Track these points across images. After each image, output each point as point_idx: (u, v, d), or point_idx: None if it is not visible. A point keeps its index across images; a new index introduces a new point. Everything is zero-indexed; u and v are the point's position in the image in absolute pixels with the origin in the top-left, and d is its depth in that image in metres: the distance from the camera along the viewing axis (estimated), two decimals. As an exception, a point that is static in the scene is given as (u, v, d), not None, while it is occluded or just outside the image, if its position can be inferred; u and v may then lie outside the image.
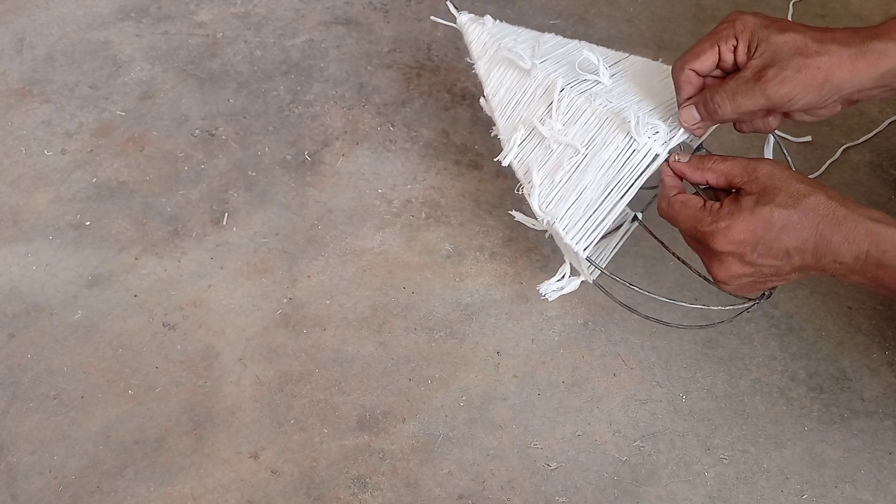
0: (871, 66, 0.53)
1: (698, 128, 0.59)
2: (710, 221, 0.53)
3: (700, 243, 0.55)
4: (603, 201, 0.61)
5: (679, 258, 0.65)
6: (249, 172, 0.86)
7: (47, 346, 0.72)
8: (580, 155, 0.63)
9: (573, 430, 0.68)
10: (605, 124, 0.63)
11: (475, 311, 0.75)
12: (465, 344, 0.73)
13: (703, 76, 0.59)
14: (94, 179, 0.85)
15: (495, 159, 0.69)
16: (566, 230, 0.63)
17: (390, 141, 0.90)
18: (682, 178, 0.58)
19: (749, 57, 0.55)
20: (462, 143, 0.89)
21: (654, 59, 0.70)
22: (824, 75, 0.53)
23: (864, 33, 0.54)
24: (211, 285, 0.77)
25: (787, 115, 0.59)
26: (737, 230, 0.51)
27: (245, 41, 1.01)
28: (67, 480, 0.65)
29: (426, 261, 0.79)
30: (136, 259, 0.79)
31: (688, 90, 0.59)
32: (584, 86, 0.66)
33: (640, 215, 0.67)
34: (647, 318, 0.68)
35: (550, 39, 0.73)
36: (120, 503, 0.64)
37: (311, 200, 0.84)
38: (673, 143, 0.61)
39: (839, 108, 0.58)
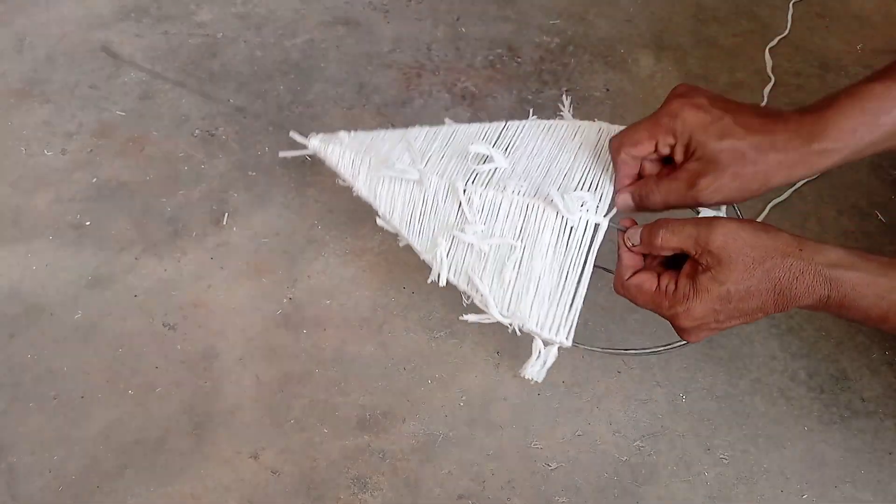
0: (809, 168, 0.53)
1: (632, 212, 0.59)
2: (669, 306, 0.53)
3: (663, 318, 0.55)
4: (565, 284, 0.58)
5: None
6: (249, 172, 0.86)
7: (47, 347, 0.72)
8: (518, 249, 0.59)
9: (573, 430, 0.68)
10: (528, 211, 0.59)
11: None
12: (465, 344, 0.73)
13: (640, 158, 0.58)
14: (94, 179, 0.85)
15: (429, 281, 0.63)
16: (539, 326, 0.59)
17: (390, 141, 0.90)
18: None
19: (685, 158, 0.54)
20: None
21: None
22: (760, 182, 0.53)
23: (806, 131, 0.52)
24: (211, 285, 0.77)
25: None
26: (697, 311, 0.52)
27: (245, 41, 1.01)
28: (67, 481, 0.65)
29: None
30: (136, 259, 0.79)
31: (625, 171, 0.58)
32: (483, 176, 0.62)
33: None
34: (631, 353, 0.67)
35: (419, 133, 0.67)
36: (120, 503, 0.64)
37: (311, 200, 0.84)
38: (604, 207, 0.58)
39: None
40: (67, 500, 0.64)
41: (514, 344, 0.73)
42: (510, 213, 0.60)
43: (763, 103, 0.94)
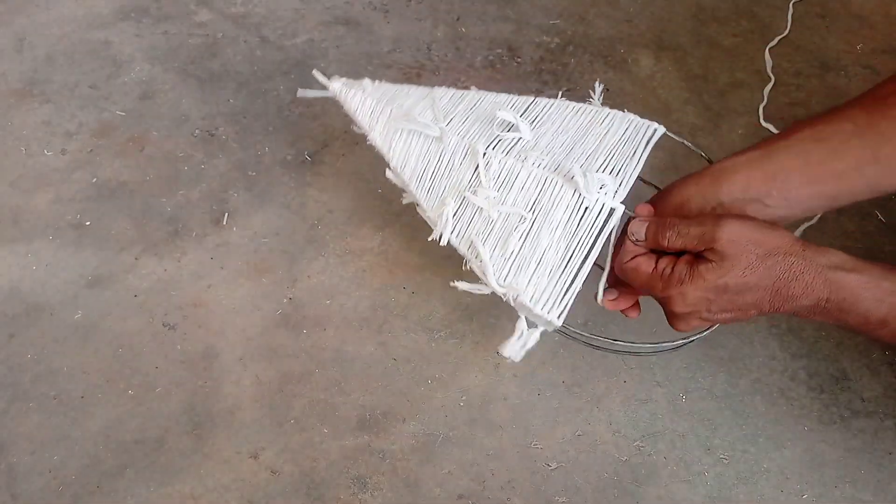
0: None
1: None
2: (663, 287, 0.53)
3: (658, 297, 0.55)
4: (567, 263, 0.57)
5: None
6: (249, 172, 0.86)
7: (47, 346, 0.72)
8: (528, 221, 0.58)
9: (573, 430, 0.68)
10: (545, 185, 0.58)
11: (475, 311, 0.75)
12: (465, 344, 0.73)
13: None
14: (94, 179, 0.85)
15: (429, 238, 0.62)
16: (534, 301, 0.57)
17: (390, 141, 0.90)
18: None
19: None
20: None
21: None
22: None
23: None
24: (211, 285, 0.77)
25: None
26: (692, 296, 0.52)
27: (245, 41, 1.01)
28: (67, 480, 0.65)
29: (426, 261, 0.79)
30: (136, 259, 0.79)
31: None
32: (505, 144, 0.61)
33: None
34: (613, 351, 0.66)
35: (445, 94, 0.66)
36: (120, 503, 0.64)
37: (311, 200, 0.84)
38: (623, 194, 0.57)
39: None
40: (67, 500, 0.64)
41: (514, 344, 0.73)
42: (526, 184, 0.59)
43: (763, 103, 0.94)
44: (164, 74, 0.96)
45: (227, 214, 0.83)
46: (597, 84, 0.66)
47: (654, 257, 0.54)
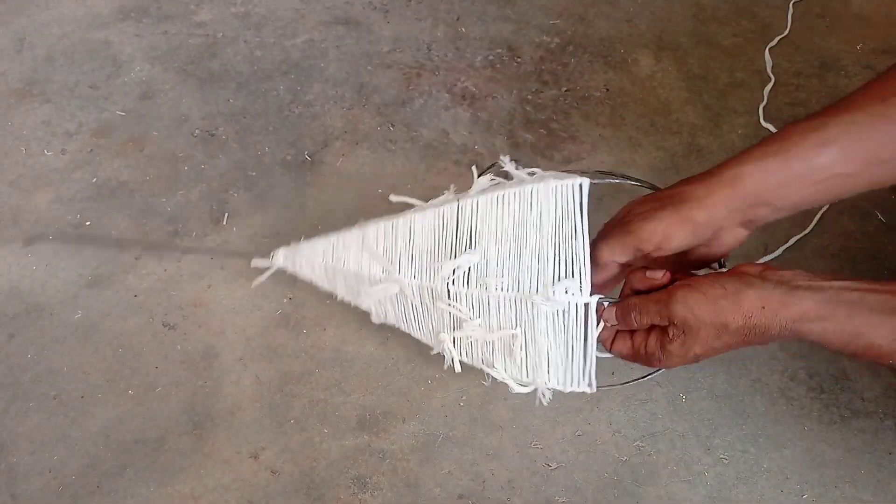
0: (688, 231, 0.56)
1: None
2: (646, 362, 0.56)
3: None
4: (573, 354, 0.59)
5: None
6: (249, 172, 0.86)
7: (47, 346, 0.72)
8: (521, 335, 0.60)
9: (573, 430, 0.68)
10: (517, 303, 0.59)
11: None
12: (465, 344, 0.73)
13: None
14: (94, 179, 0.85)
15: (445, 367, 0.63)
16: (561, 386, 0.61)
17: (390, 141, 0.90)
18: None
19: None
20: (462, 143, 0.89)
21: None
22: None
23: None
24: (211, 285, 0.77)
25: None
26: (672, 363, 0.54)
27: (245, 41, 1.01)
28: (67, 480, 0.65)
29: (426, 261, 0.78)
30: (136, 259, 0.79)
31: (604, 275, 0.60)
32: (462, 273, 0.61)
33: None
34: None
35: (377, 232, 0.65)
36: (120, 503, 0.64)
37: (311, 200, 0.84)
38: (586, 284, 0.57)
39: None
40: (67, 500, 0.64)
41: (514, 344, 0.73)
42: (501, 307, 0.60)
43: (763, 104, 0.94)
44: (164, 74, 0.96)
45: (227, 214, 0.83)
46: (502, 157, 0.64)
47: (629, 336, 0.57)
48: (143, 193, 0.84)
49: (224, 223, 0.82)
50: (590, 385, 0.60)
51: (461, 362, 0.63)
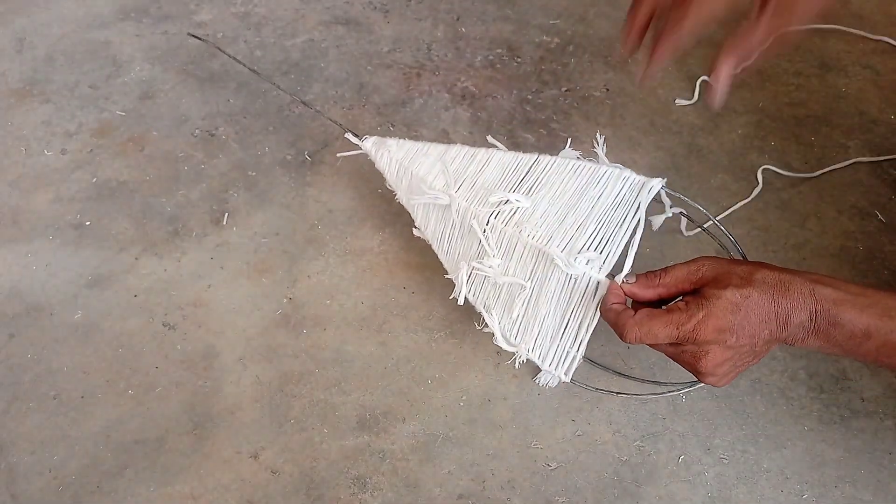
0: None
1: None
2: (687, 318, 0.52)
3: (681, 346, 0.54)
4: (565, 330, 0.61)
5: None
6: (249, 172, 0.86)
7: (47, 346, 0.72)
8: (528, 289, 0.62)
9: (573, 430, 0.68)
10: (538, 257, 0.61)
11: (475, 312, 0.75)
12: (465, 344, 0.73)
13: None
14: (94, 179, 0.85)
15: (450, 297, 0.68)
16: (541, 359, 0.63)
17: (390, 141, 0.90)
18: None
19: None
20: (462, 144, 0.89)
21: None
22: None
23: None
24: (211, 285, 0.77)
25: None
26: (713, 318, 0.52)
27: (245, 41, 1.01)
28: (67, 480, 0.65)
29: (426, 261, 0.78)
30: (136, 259, 0.79)
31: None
32: (506, 212, 0.64)
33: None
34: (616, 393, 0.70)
35: (458, 153, 0.70)
36: (120, 503, 0.64)
37: (311, 200, 0.84)
38: (608, 267, 0.59)
39: None
40: (67, 499, 0.64)
41: (514, 344, 0.73)
42: (523, 255, 0.62)
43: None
44: (164, 74, 0.96)
45: (227, 214, 0.83)
46: (598, 135, 0.67)
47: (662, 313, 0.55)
48: (143, 193, 0.84)
49: (224, 223, 0.82)
50: (567, 373, 0.62)
51: (466, 299, 0.67)
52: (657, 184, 0.60)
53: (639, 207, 0.60)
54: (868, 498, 0.64)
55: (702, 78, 0.96)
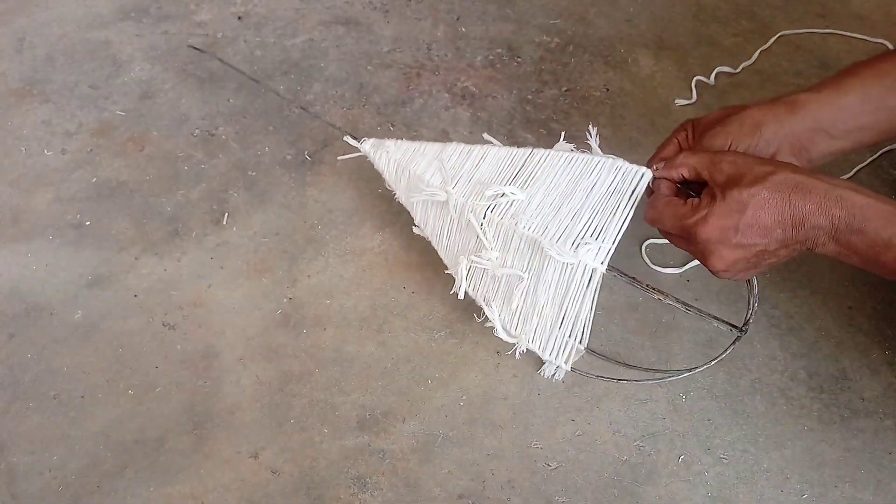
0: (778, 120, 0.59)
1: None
2: (691, 213, 0.55)
3: (688, 239, 0.56)
4: (563, 318, 0.62)
5: (653, 289, 0.65)
6: (249, 172, 0.86)
7: (47, 346, 0.72)
8: (526, 280, 0.63)
9: (573, 430, 0.68)
10: (534, 247, 0.62)
11: (475, 311, 0.75)
12: (465, 344, 0.73)
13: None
14: (94, 179, 0.85)
15: (450, 293, 0.69)
16: (541, 350, 0.65)
17: (390, 141, 0.90)
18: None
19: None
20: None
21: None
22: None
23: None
24: (211, 285, 0.77)
25: None
26: (714, 217, 0.53)
27: (245, 41, 1.01)
28: (67, 480, 0.65)
29: (426, 260, 0.78)
30: (136, 259, 0.79)
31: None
32: (503, 203, 0.65)
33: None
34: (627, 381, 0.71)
35: (455, 150, 0.70)
36: (120, 503, 0.64)
37: (311, 200, 0.84)
38: (607, 256, 0.60)
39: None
40: (67, 499, 0.64)
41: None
42: (520, 247, 0.63)
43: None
44: (164, 74, 0.96)
45: (227, 214, 0.83)
46: (590, 127, 0.67)
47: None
48: (143, 193, 0.84)
49: (224, 223, 0.82)
50: (567, 361, 0.64)
51: (466, 293, 0.68)
52: (648, 173, 0.61)
53: (633, 193, 0.61)
54: (868, 498, 0.64)
55: (696, 77, 0.96)
